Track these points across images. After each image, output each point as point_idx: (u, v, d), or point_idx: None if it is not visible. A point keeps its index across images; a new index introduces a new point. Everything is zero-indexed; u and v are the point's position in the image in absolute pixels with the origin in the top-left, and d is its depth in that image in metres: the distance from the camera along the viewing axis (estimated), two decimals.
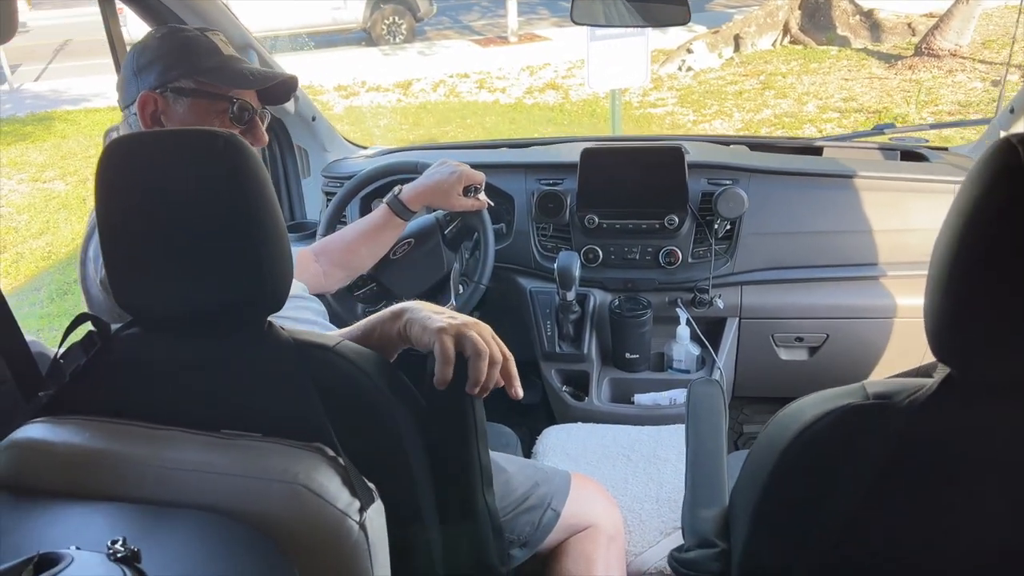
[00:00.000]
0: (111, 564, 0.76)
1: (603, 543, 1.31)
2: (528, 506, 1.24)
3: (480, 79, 8.65)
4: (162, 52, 1.24)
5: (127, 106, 1.28)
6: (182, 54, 1.24)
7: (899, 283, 1.83)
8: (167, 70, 1.23)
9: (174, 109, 1.24)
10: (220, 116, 1.26)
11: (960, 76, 7.14)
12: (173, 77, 1.23)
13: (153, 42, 1.26)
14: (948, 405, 0.76)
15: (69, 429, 0.95)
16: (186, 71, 1.24)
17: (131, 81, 1.26)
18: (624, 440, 1.68)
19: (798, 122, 6.63)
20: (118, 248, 0.95)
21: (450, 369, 0.96)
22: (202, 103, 1.25)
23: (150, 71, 1.24)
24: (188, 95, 1.24)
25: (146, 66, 1.24)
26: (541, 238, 1.93)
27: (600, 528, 1.32)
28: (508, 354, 1.00)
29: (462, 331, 0.97)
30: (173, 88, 1.23)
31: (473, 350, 0.96)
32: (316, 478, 0.87)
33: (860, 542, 0.81)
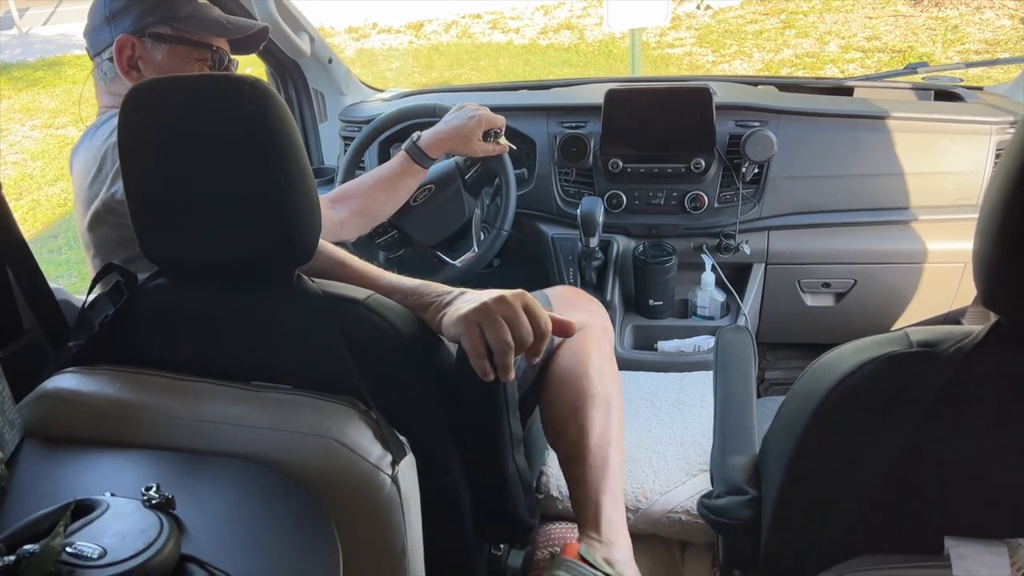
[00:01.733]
0: (146, 511, 0.76)
1: (593, 336, 1.30)
2: None
3: (493, 19, 8.46)
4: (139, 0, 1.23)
5: (98, 53, 1.27)
6: (161, 2, 1.23)
7: (931, 227, 1.79)
8: (144, 15, 1.22)
9: (152, 55, 1.24)
10: (199, 63, 1.27)
11: (988, 13, 6.92)
12: (151, 23, 1.23)
13: None
14: (996, 353, 0.74)
15: (100, 380, 0.96)
16: (163, 17, 1.23)
17: (102, 27, 1.25)
18: (647, 385, 1.68)
19: (819, 62, 6.47)
20: (144, 197, 0.93)
21: (485, 362, 0.91)
22: (181, 49, 1.25)
23: (125, 16, 1.23)
24: (167, 41, 1.24)
25: (120, 11, 1.23)
26: (563, 183, 1.89)
27: (589, 325, 1.32)
28: (544, 329, 0.93)
29: (486, 321, 0.91)
30: (152, 34, 1.23)
31: (496, 346, 0.91)
32: (348, 432, 0.87)
33: (899, 491, 0.80)
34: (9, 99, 7.13)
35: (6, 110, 6.88)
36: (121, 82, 1.25)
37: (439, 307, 0.99)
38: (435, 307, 0.99)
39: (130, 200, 0.93)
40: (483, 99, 1.96)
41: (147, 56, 1.23)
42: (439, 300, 1.00)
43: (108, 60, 1.25)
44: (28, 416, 0.92)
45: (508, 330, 0.90)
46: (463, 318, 0.92)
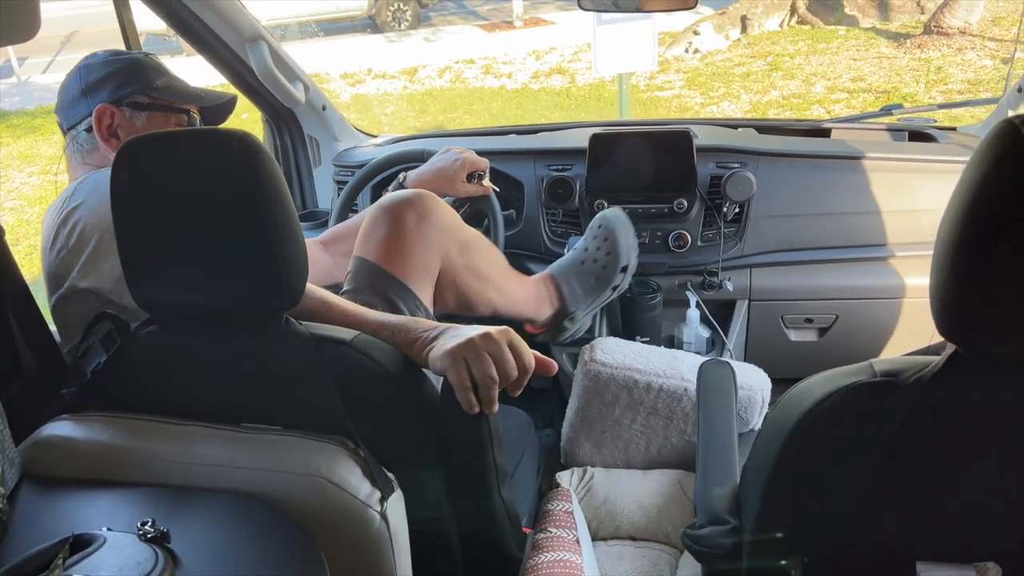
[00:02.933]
0: (142, 544, 0.79)
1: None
2: None
3: (486, 64, 8.62)
4: (112, 72, 1.29)
5: (73, 126, 1.31)
6: (133, 73, 1.30)
7: (908, 263, 1.84)
8: (121, 86, 1.29)
9: (131, 122, 1.30)
10: (176, 127, 1.34)
11: (970, 54, 7.08)
12: (128, 93, 1.29)
13: (99, 64, 1.31)
14: (954, 382, 0.77)
15: (92, 426, 0.98)
16: (140, 87, 1.30)
17: (78, 100, 1.30)
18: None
19: (806, 103, 6.59)
20: (135, 245, 0.96)
21: (470, 395, 0.94)
22: (159, 115, 1.32)
23: (102, 89, 1.28)
24: (145, 108, 1.30)
25: (96, 84, 1.29)
26: (551, 223, 1.94)
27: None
28: (528, 365, 0.96)
29: (472, 356, 0.94)
30: (130, 103, 1.29)
31: (481, 381, 0.93)
32: (337, 470, 0.90)
33: (869, 518, 0.83)
34: (8, 146, 7.20)
35: (5, 157, 6.95)
36: (98, 152, 1.30)
37: (425, 342, 1.02)
38: (421, 342, 1.02)
39: (122, 250, 0.96)
40: (473, 143, 2.02)
41: (126, 124, 1.29)
42: (425, 336, 1.03)
43: (85, 131, 1.30)
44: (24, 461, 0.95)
45: (493, 365, 0.93)
46: (449, 353, 0.95)
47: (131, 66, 1.31)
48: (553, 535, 1.39)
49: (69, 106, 1.31)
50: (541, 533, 1.42)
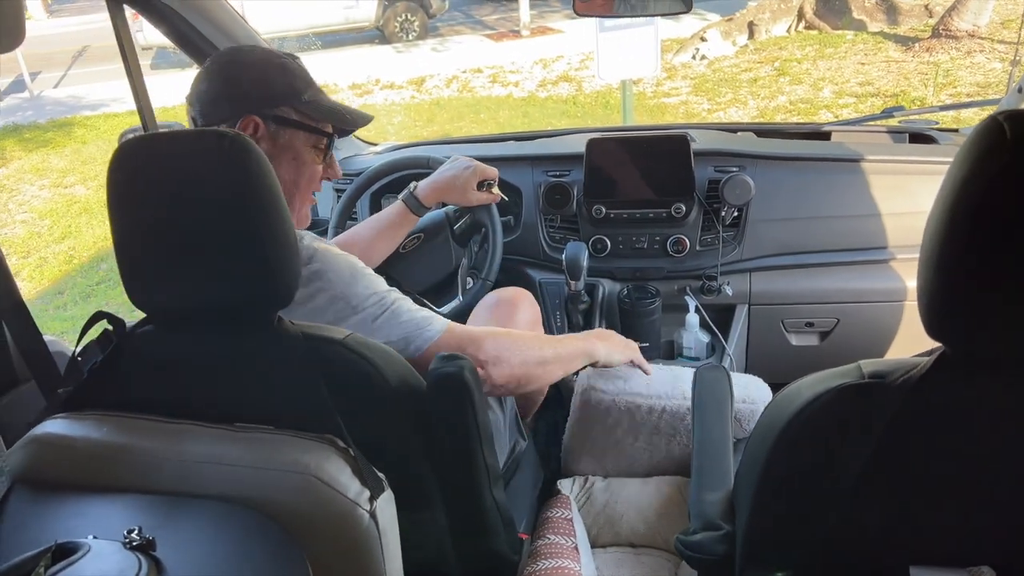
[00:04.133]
0: (127, 552, 0.79)
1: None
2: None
3: (493, 74, 8.65)
4: (262, 77, 1.21)
5: (211, 124, 1.21)
6: (283, 81, 1.22)
7: (908, 266, 1.82)
8: (270, 97, 1.21)
9: (273, 138, 1.22)
10: (313, 149, 1.26)
11: (979, 57, 7.04)
12: (276, 103, 1.21)
13: (248, 64, 1.23)
14: (943, 382, 0.76)
15: (87, 424, 0.98)
16: (288, 99, 1.22)
17: (221, 100, 1.21)
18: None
19: (814, 108, 6.57)
20: (131, 247, 0.97)
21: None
22: (300, 134, 1.24)
23: (251, 93, 1.20)
24: (289, 125, 1.22)
25: (243, 87, 1.21)
26: (549, 229, 1.94)
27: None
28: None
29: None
30: (275, 116, 1.21)
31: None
32: (327, 468, 0.89)
33: (858, 520, 0.82)
34: (20, 160, 7.28)
35: (16, 170, 7.02)
36: None
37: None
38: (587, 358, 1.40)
39: (117, 250, 0.97)
40: (472, 150, 2.02)
41: (267, 138, 1.21)
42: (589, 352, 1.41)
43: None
44: (17, 461, 0.95)
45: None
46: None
47: (281, 73, 1.23)
48: (552, 542, 1.39)
49: (209, 103, 1.21)
50: (540, 540, 1.41)
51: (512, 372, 1.21)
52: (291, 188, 1.24)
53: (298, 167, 1.24)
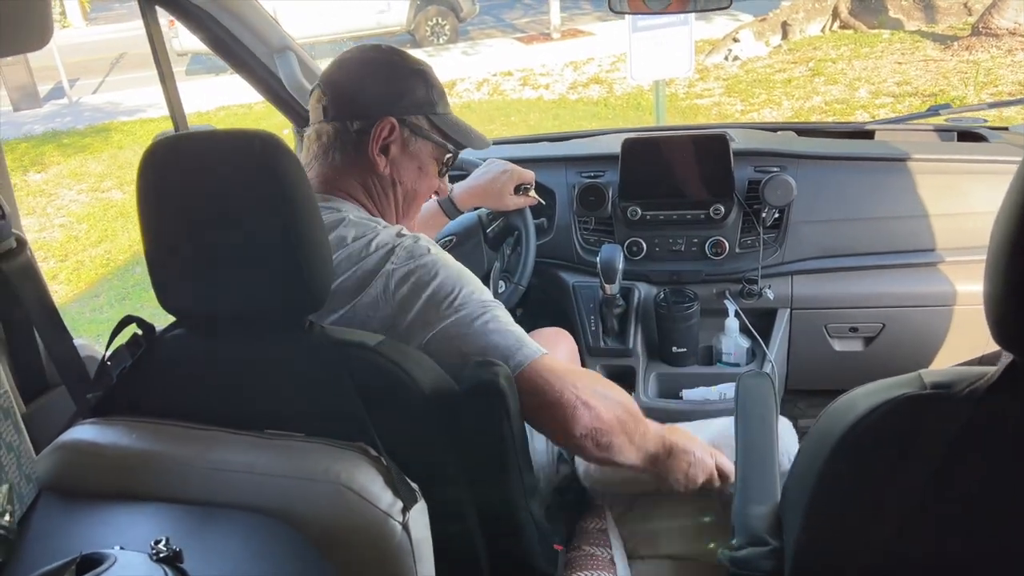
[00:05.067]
0: (153, 564, 0.77)
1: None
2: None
3: (524, 76, 8.65)
4: (405, 80, 1.19)
5: (342, 117, 1.17)
6: (423, 90, 1.20)
7: (958, 269, 1.75)
8: (412, 103, 1.19)
9: (405, 144, 1.20)
10: (436, 162, 1.25)
11: (1020, 55, 6.89)
12: (413, 110, 1.19)
13: (391, 65, 1.20)
14: (1012, 394, 0.72)
15: (117, 430, 0.97)
16: (424, 109, 1.20)
17: (357, 94, 1.18)
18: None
19: (850, 108, 6.46)
20: (160, 249, 0.96)
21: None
22: (430, 145, 1.22)
23: (391, 95, 1.18)
24: (421, 135, 1.21)
25: (389, 88, 1.18)
26: (583, 232, 1.90)
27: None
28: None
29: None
30: (411, 123, 1.19)
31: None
32: (358, 478, 0.87)
33: (917, 539, 0.77)
34: (58, 165, 7.42)
35: (55, 175, 7.16)
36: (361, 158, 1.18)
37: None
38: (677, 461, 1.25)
39: (147, 252, 0.96)
40: (504, 152, 1.99)
41: (398, 143, 1.19)
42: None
43: (356, 131, 1.17)
44: (46, 467, 0.94)
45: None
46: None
47: (422, 82, 1.20)
48: (586, 553, 1.35)
49: (346, 96, 1.18)
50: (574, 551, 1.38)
51: (599, 425, 1.08)
52: (411, 195, 1.24)
53: (420, 176, 1.23)
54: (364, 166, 1.18)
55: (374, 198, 1.21)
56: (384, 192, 1.21)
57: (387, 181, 1.20)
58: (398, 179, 1.20)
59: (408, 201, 1.24)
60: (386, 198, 1.22)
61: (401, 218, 1.24)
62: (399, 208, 1.24)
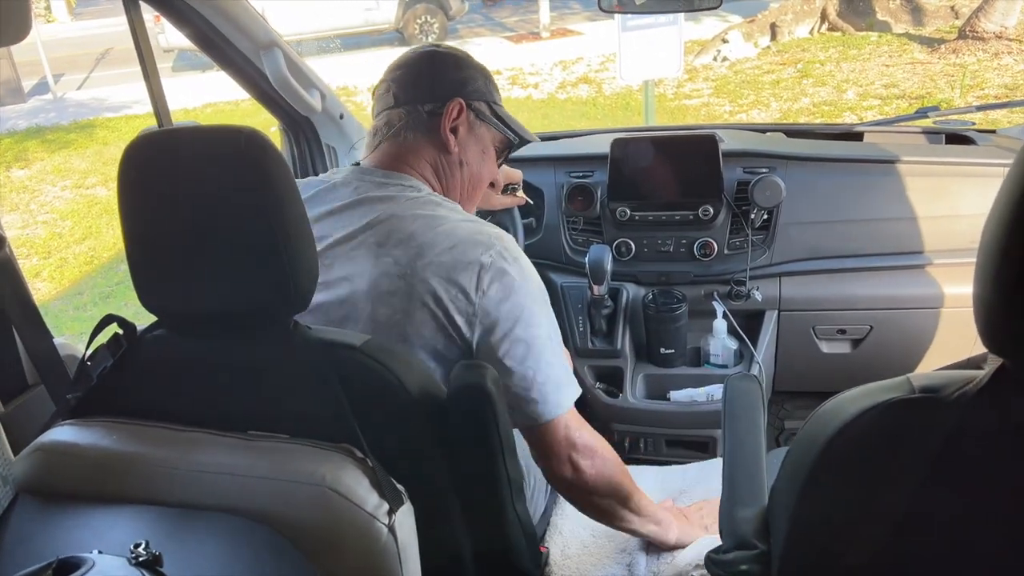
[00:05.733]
0: (132, 568, 0.75)
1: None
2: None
3: (512, 75, 8.63)
4: (468, 70, 1.24)
5: (413, 101, 1.21)
6: (484, 81, 1.25)
7: (946, 271, 1.76)
8: (478, 89, 1.23)
9: (471, 127, 1.23)
10: (498, 149, 1.30)
11: (1006, 59, 6.93)
12: (480, 96, 1.23)
13: (455, 58, 1.24)
14: (1001, 398, 0.71)
15: (96, 432, 0.95)
16: (486, 97, 1.25)
17: (429, 80, 1.22)
18: (650, 478, 1.55)
19: (837, 110, 6.49)
20: (141, 247, 0.94)
21: None
22: (492, 132, 1.27)
23: (456, 81, 1.22)
24: (486, 120, 1.25)
25: (454, 74, 1.22)
26: (572, 232, 1.89)
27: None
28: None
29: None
30: (476, 108, 1.23)
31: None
32: (343, 480, 0.86)
33: (905, 543, 0.76)
34: (42, 161, 7.34)
35: (39, 172, 7.08)
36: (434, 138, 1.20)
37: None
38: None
39: (128, 250, 0.94)
40: None
41: (465, 125, 1.22)
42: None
43: (427, 111, 1.20)
44: (24, 469, 0.92)
45: None
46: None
47: (482, 74, 1.26)
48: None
49: (411, 84, 1.22)
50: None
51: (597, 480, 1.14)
52: (476, 179, 1.26)
53: (484, 160, 1.26)
54: (436, 144, 1.20)
55: (441, 178, 1.22)
56: (451, 172, 1.23)
57: (455, 161, 1.22)
58: (465, 160, 1.23)
59: (472, 184, 1.26)
60: (453, 178, 1.23)
61: (465, 201, 1.26)
62: (464, 189, 1.25)
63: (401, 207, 1.12)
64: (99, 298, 4.57)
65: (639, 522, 1.23)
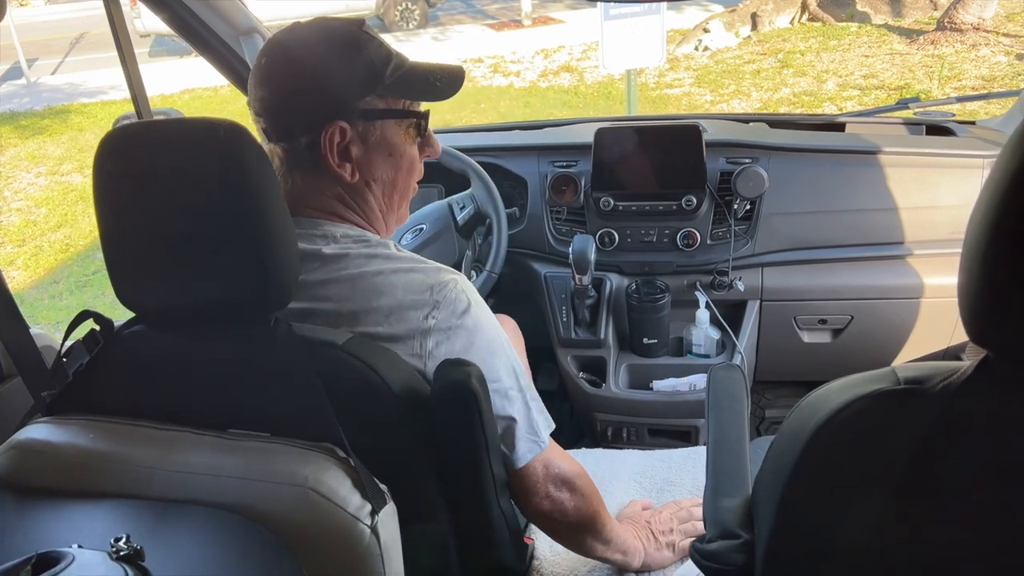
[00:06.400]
0: (112, 563, 0.74)
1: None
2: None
3: (494, 63, 8.59)
4: (335, 66, 1.01)
5: (287, 136, 1.01)
6: (361, 65, 1.02)
7: (926, 262, 1.77)
8: (351, 90, 1.01)
9: (363, 137, 1.03)
10: (407, 134, 1.08)
11: (984, 50, 6.99)
12: (364, 92, 1.02)
13: (314, 52, 1.02)
14: (985, 389, 0.72)
15: (72, 430, 0.94)
16: (371, 87, 1.02)
17: (297, 108, 1.01)
18: (634, 464, 1.54)
19: (817, 100, 6.52)
20: (118, 242, 0.92)
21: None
22: (390, 124, 1.05)
23: (326, 93, 1.01)
24: (378, 116, 1.03)
25: (320, 85, 1.01)
26: (555, 222, 1.89)
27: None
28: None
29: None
30: (361, 112, 1.02)
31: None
32: (325, 481, 0.85)
33: (889, 533, 0.77)
34: (16, 147, 7.23)
35: (12, 158, 6.97)
36: (323, 175, 1.03)
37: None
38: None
39: (104, 244, 0.92)
40: (474, 139, 1.98)
41: (357, 140, 1.02)
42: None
43: (307, 148, 1.01)
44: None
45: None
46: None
47: (356, 54, 1.01)
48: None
49: (279, 114, 1.01)
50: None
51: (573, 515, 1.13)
52: (390, 189, 1.08)
53: (395, 161, 1.07)
54: (331, 178, 1.03)
55: (354, 207, 1.06)
56: (362, 198, 1.06)
57: (360, 187, 1.05)
58: (372, 179, 1.05)
59: (389, 193, 1.09)
60: (366, 204, 1.07)
61: (390, 213, 1.11)
62: (384, 206, 1.09)
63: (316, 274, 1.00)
64: (75, 287, 4.51)
65: (606, 551, 1.20)
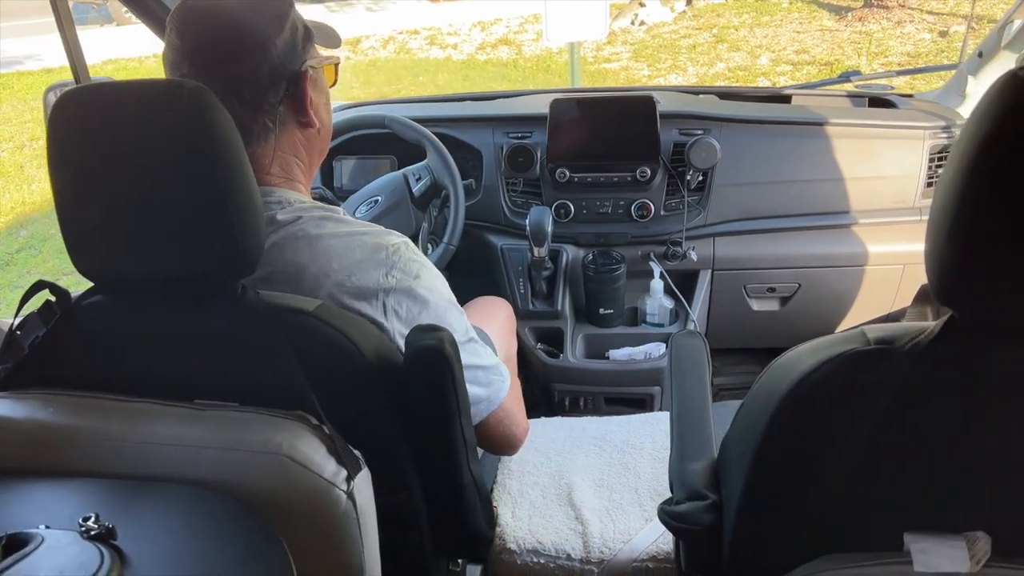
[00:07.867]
0: (84, 542, 0.72)
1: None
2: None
3: (431, 35, 8.49)
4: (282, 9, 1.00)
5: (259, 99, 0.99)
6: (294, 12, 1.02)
7: (870, 230, 1.83)
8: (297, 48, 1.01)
9: (316, 84, 1.03)
10: (328, 79, 1.09)
11: (909, 28, 7.21)
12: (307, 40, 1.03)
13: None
14: (951, 348, 0.74)
15: (30, 404, 0.90)
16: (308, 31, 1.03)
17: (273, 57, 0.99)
18: (594, 431, 1.57)
19: (752, 75, 6.64)
20: (74, 208, 0.88)
21: None
22: (322, 69, 1.06)
23: (289, 53, 1.00)
24: (323, 60, 1.06)
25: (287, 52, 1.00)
26: (511, 194, 1.88)
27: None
28: None
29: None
30: (311, 65, 1.03)
31: None
32: (300, 448, 0.84)
33: (861, 490, 0.80)
34: None
35: None
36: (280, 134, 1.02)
37: None
38: None
39: (59, 211, 0.88)
40: (427, 110, 1.95)
41: (313, 85, 1.02)
42: None
43: (280, 103, 1.00)
44: None
45: None
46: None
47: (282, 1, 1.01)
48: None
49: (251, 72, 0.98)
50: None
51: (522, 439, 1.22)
52: (328, 129, 1.09)
53: (328, 107, 1.09)
54: (288, 137, 1.03)
55: (303, 158, 1.06)
56: (311, 146, 1.06)
57: (314, 132, 1.05)
58: (322, 122, 1.06)
59: (324, 136, 1.08)
60: (313, 150, 1.07)
61: (318, 157, 1.10)
62: (320, 149, 1.09)
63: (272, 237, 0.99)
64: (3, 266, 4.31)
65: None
